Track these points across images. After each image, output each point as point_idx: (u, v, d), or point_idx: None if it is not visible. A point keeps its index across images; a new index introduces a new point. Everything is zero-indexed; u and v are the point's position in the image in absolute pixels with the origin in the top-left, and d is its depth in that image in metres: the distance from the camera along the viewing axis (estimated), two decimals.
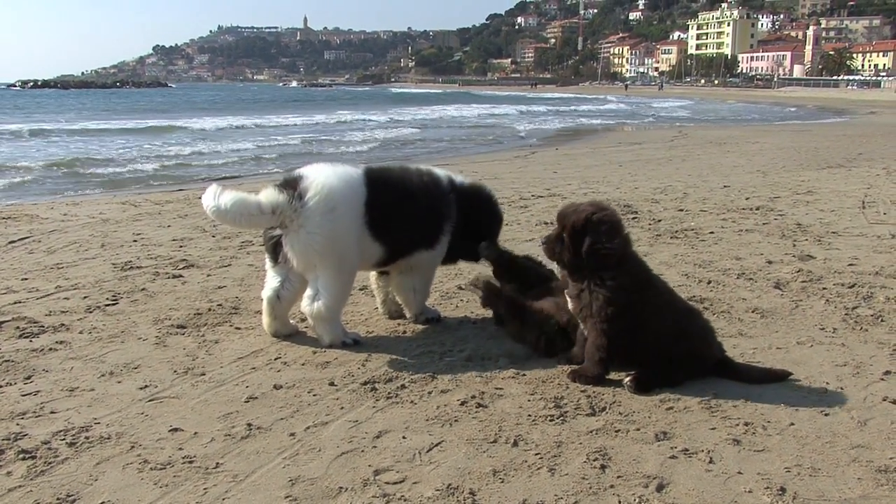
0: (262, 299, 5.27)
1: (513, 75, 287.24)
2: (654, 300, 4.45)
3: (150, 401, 4.23)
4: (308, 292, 5.02)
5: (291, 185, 4.89)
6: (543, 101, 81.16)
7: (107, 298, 6.20)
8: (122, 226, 9.69)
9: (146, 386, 4.44)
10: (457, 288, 6.53)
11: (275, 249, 5.02)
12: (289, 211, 4.82)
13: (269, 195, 4.86)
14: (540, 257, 5.13)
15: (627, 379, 4.38)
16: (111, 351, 5.02)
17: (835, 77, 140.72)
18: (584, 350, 4.51)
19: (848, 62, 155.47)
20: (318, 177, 4.93)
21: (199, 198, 5.18)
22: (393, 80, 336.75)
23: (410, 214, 5.21)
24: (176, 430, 3.87)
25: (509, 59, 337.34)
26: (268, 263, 5.20)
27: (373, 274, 5.78)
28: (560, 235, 4.47)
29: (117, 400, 4.24)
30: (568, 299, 4.57)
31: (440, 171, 5.54)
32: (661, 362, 4.40)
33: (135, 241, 8.71)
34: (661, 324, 4.41)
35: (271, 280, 5.19)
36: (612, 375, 4.50)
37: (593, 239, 4.32)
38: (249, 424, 3.92)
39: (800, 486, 3.31)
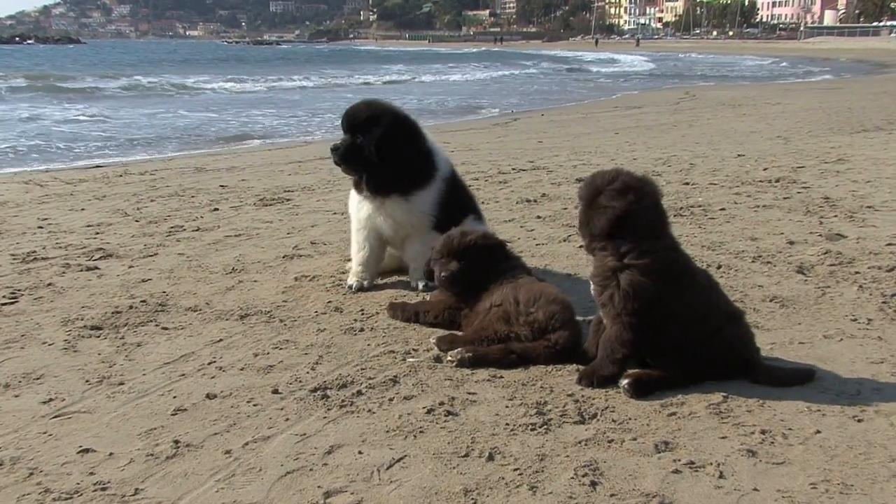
0: None
1: (492, 29, 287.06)
2: (689, 295, 4.39)
3: (54, 417, 4.18)
4: None
5: None
6: None
7: (3, 296, 6.13)
8: (25, 209, 9.59)
9: (51, 399, 4.38)
10: None
11: None
12: None
13: None
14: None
15: (624, 381, 4.35)
16: (7, 359, 4.96)
17: (875, 23, 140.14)
18: (600, 345, 4.47)
19: (892, 4, 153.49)
20: None
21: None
22: (352, 36, 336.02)
23: None
24: (86, 451, 3.81)
25: (487, 11, 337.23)
26: None
27: None
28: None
29: (14, 418, 4.17)
30: (592, 287, 4.55)
31: None
32: (683, 366, 4.38)
33: (40, 227, 8.62)
34: (695, 325, 4.37)
35: None
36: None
37: (601, 197, 4.32)
38: (176, 441, 3.88)
39: None
